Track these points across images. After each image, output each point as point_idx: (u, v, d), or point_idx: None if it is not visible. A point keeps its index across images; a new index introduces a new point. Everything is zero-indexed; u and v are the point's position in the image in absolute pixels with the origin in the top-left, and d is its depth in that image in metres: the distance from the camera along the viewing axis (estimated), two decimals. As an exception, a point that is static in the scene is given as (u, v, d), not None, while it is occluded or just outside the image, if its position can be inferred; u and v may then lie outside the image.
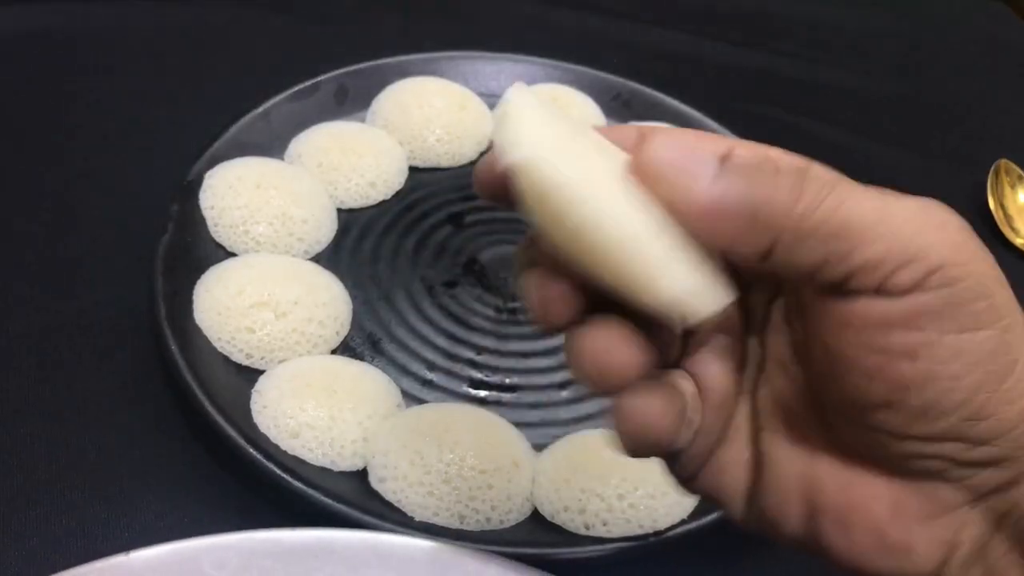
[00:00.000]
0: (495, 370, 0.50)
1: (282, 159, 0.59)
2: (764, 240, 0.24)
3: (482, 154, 0.63)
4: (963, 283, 0.23)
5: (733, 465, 0.29)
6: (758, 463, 0.28)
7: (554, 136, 0.24)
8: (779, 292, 0.28)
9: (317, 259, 0.54)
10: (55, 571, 0.32)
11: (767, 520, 0.28)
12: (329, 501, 0.41)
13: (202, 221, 0.53)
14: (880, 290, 0.23)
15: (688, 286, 0.24)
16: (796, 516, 0.28)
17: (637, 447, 0.27)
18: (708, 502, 0.31)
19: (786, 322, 0.28)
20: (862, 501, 0.26)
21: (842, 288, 0.24)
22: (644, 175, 0.24)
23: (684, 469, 0.29)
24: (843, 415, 0.26)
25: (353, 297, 0.52)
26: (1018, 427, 0.24)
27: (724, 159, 0.24)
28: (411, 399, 0.48)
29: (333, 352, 0.50)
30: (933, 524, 0.26)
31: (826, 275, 0.24)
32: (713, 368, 0.28)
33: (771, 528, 0.28)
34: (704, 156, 0.24)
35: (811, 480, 0.27)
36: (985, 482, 0.25)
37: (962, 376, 0.24)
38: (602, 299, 0.26)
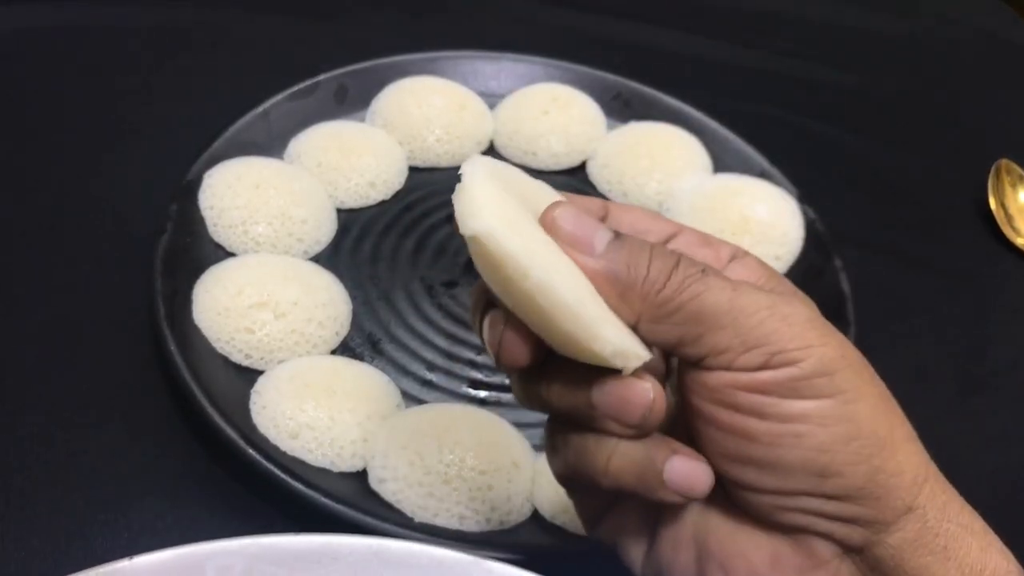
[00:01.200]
0: (495, 370, 0.50)
1: (281, 159, 0.59)
2: (630, 314, 0.28)
3: (484, 152, 0.63)
4: (803, 363, 0.27)
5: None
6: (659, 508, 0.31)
7: (503, 209, 0.27)
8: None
9: (317, 259, 0.54)
10: (55, 573, 0.32)
11: (662, 563, 0.31)
12: (328, 502, 0.41)
13: (201, 221, 0.53)
14: (730, 368, 0.28)
15: (617, 346, 0.27)
16: (687, 560, 0.31)
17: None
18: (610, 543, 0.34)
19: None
20: (744, 550, 0.29)
21: (700, 364, 0.28)
22: (553, 237, 0.28)
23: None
24: (716, 468, 0.29)
25: (353, 297, 0.52)
26: (866, 486, 0.28)
27: (617, 233, 0.29)
28: (411, 399, 0.48)
29: (333, 352, 0.50)
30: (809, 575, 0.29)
31: (683, 352, 0.28)
32: None
33: (665, 572, 0.31)
34: (599, 230, 0.28)
35: (703, 527, 0.30)
36: (849, 536, 0.28)
37: (804, 435, 0.27)
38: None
